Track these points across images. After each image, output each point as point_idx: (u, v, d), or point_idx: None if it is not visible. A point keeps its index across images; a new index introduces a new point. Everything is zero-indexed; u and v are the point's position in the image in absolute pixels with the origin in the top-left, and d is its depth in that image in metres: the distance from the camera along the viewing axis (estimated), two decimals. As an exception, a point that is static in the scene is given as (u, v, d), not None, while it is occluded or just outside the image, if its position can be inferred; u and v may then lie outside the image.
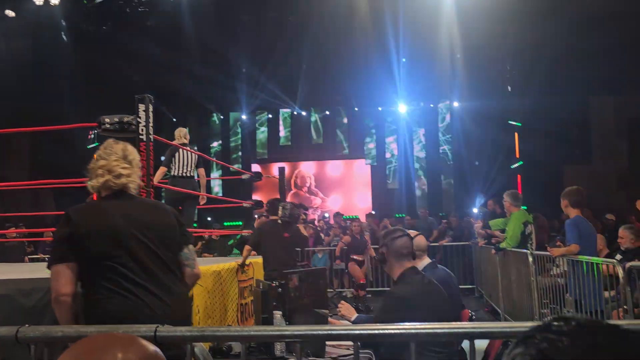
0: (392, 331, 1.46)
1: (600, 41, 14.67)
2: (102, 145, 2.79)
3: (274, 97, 18.78)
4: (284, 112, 19.94)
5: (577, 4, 14.90)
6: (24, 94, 15.67)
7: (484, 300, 10.62)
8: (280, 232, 6.57)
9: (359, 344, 1.49)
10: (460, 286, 11.71)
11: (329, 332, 1.46)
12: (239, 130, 20.40)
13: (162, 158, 6.91)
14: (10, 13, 14.98)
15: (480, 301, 11.01)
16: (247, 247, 6.67)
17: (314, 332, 1.46)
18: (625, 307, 4.46)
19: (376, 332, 1.49)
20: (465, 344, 1.81)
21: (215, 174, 19.08)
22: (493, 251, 8.45)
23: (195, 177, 7.09)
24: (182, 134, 7.07)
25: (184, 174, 6.75)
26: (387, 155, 19.55)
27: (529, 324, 1.42)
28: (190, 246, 2.70)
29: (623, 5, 14.87)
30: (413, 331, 1.46)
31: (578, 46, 15.46)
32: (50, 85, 15.90)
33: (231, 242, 11.84)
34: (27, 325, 1.57)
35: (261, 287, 3.13)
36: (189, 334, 1.51)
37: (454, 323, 2.02)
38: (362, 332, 1.51)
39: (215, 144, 20.38)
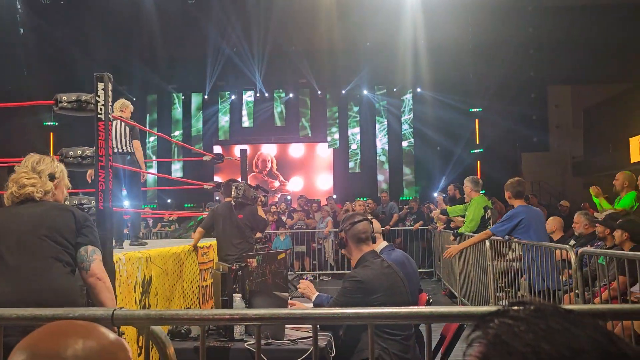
0: (351, 314, 1.47)
1: (558, 32, 14.95)
2: (22, 161, 2.95)
3: (237, 79, 18.62)
4: (247, 94, 19.77)
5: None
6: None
7: (442, 283, 10.81)
8: (233, 213, 6.35)
9: (318, 326, 1.50)
10: (420, 270, 11.90)
11: (288, 314, 1.47)
12: (201, 112, 20.15)
13: None
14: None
15: (438, 284, 11.21)
16: (199, 229, 6.47)
17: (273, 315, 1.46)
18: (576, 291, 4.59)
19: (335, 315, 1.50)
20: (423, 327, 1.85)
21: (177, 156, 18.88)
22: (452, 237, 8.58)
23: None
24: (117, 105, 5.98)
25: (119, 150, 5.78)
26: (349, 139, 19.62)
27: (484, 308, 1.46)
28: (89, 247, 2.75)
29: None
30: (371, 314, 1.47)
31: (537, 36, 15.74)
32: (6, 62, 15.43)
33: (191, 224, 11.76)
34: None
35: (221, 270, 3.12)
36: (147, 316, 1.49)
37: (411, 307, 2.05)
38: (321, 314, 1.52)
39: (176, 125, 20.09)
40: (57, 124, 17.43)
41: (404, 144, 19.47)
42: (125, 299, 4.51)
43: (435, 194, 13.32)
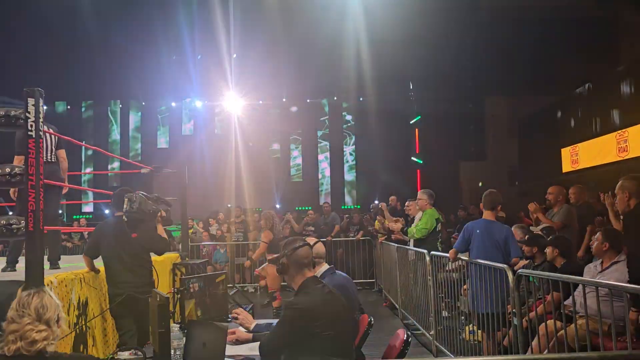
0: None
1: (495, 44, 15.36)
2: (16, 302, 2.55)
3: (175, 88, 18.34)
4: (186, 102, 19.48)
5: (474, 5, 15.54)
6: None
7: (383, 295, 10.86)
8: (126, 232, 5.12)
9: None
10: (361, 280, 12.02)
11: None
12: (139, 121, 19.70)
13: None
14: None
15: (379, 296, 11.26)
16: (84, 256, 5.29)
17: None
18: (513, 310, 4.67)
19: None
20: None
21: (114, 165, 18.39)
22: (397, 230, 8.67)
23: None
24: None
25: (46, 159, 5.19)
26: (291, 149, 19.60)
27: None
28: None
29: (517, 9, 15.66)
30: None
31: (475, 48, 16.12)
32: None
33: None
34: None
35: (158, 299, 3.01)
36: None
37: None
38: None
39: (114, 134, 19.57)
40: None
41: (346, 152, 19.60)
42: (57, 324, 4.31)
43: (375, 203, 13.43)
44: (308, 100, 19.53)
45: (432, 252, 7.00)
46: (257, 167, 19.11)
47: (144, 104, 19.54)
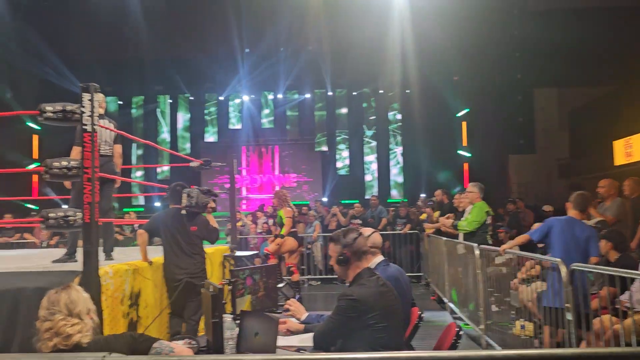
0: (348, 359, 1.42)
1: (544, 35, 14.99)
2: (45, 301, 2.64)
3: (222, 81, 18.52)
4: (234, 95, 19.66)
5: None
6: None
7: (431, 288, 10.78)
8: (185, 225, 5.60)
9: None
10: (408, 274, 11.90)
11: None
12: (188, 120, 20.00)
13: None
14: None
15: (427, 289, 11.18)
16: (140, 231, 5.65)
17: None
18: (567, 305, 4.57)
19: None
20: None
21: (165, 161, 18.76)
22: (448, 223, 8.58)
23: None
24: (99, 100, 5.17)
25: (101, 153, 5.31)
26: (337, 142, 19.59)
27: (485, 352, 1.40)
28: None
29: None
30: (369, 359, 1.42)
31: (523, 40, 15.78)
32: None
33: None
34: None
35: (210, 290, 3.05)
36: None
37: (410, 352, 1.98)
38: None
39: (164, 129, 19.91)
40: (40, 128, 17.21)
41: (392, 146, 19.48)
42: (112, 313, 4.44)
43: (420, 200, 13.31)
44: (354, 94, 19.47)
45: (482, 246, 6.90)
46: (303, 160, 19.20)
47: (192, 98, 19.80)
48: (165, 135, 19.77)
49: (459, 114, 18.23)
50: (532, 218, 11.17)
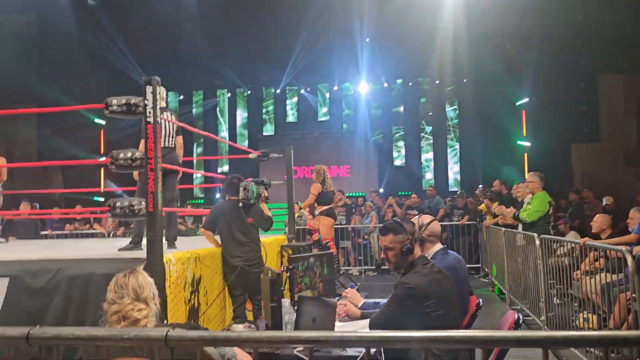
0: (403, 337, 1.45)
1: (608, 20, 14.45)
2: (113, 284, 2.69)
3: (278, 75, 18.70)
4: (291, 89, 19.82)
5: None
6: (28, 71, 15.72)
7: (490, 279, 10.64)
8: (243, 216, 5.88)
9: (370, 350, 1.48)
10: (466, 265, 11.78)
11: (340, 337, 1.45)
12: (246, 107, 20.29)
13: None
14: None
15: (485, 280, 11.04)
16: (204, 231, 6.02)
17: (326, 338, 1.45)
18: (634, 295, 4.44)
19: (387, 338, 1.47)
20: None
21: (224, 154, 19.12)
22: (508, 215, 8.42)
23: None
24: (162, 94, 5.48)
25: (165, 145, 5.54)
26: (393, 132, 19.48)
27: (542, 333, 1.41)
28: None
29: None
30: (424, 337, 1.44)
31: (586, 25, 15.25)
32: (55, 62, 15.88)
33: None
34: (37, 326, 1.57)
35: (269, 275, 3.13)
36: (200, 338, 1.50)
37: (467, 331, 1.99)
38: (373, 338, 1.50)
39: (223, 127, 20.27)
40: (105, 123, 17.88)
41: (449, 136, 19.23)
42: (175, 299, 4.58)
43: (478, 190, 13.10)
44: (410, 84, 19.27)
45: (543, 236, 6.76)
46: (359, 151, 19.17)
47: (249, 92, 20.09)
48: (224, 133, 20.13)
49: (519, 103, 17.80)
50: (601, 209, 10.81)
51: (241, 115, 20.32)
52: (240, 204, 5.85)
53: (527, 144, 17.70)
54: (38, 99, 15.18)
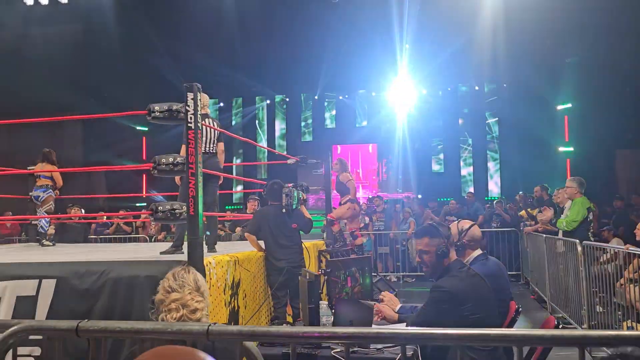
0: (439, 334, 1.47)
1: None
2: (171, 274, 2.72)
3: (315, 81, 18.79)
4: (329, 95, 19.89)
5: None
6: (75, 79, 16.21)
7: (530, 287, 10.47)
8: (286, 221, 6.09)
9: (406, 347, 1.50)
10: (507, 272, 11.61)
11: (377, 334, 1.48)
12: (284, 114, 20.44)
13: None
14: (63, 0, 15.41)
15: (526, 288, 10.88)
16: (248, 235, 6.18)
17: (362, 334, 1.48)
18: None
19: (423, 335, 1.50)
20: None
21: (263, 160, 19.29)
22: (546, 218, 8.30)
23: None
24: (205, 101, 5.77)
25: (206, 150, 5.73)
26: (432, 137, 19.34)
27: (578, 332, 1.41)
28: None
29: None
30: (460, 335, 1.46)
31: (631, 27, 14.88)
32: (99, 70, 16.32)
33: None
34: (85, 320, 1.64)
35: (307, 277, 3.17)
36: (240, 332, 1.55)
37: (502, 330, 1.99)
38: (409, 335, 1.53)
39: (262, 137, 20.44)
40: (148, 129, 18.30)
41: (489, 142, 18.99)
42: (215, 301, 4.67)
43: (518, 196, 12.91)
44: (448, 89, 19.10)
45: (585, 242, 6.63)
46: (397, 157, 19.10)
47: (287, 99, 20.25)
48: (263, 143, 20.29)
49: (560, 108, 17.47)
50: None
51: (279, 126, 20.48)
52: (284, 210, 6.03)
53: (570, 149, 17.36)
54: (82, 108, 15.67)
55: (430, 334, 1.45)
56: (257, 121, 20.50)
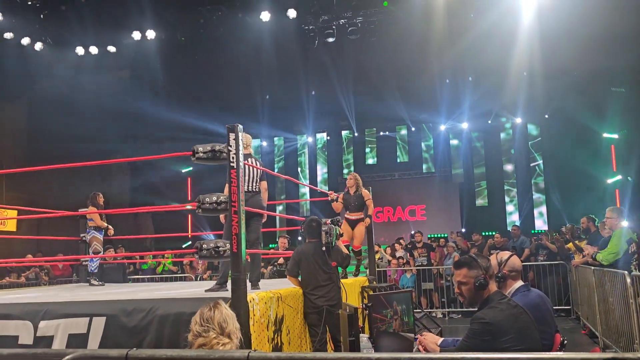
0: (470, 358, 1.51)
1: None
2: (198, 316, 2.79)
3: (357, 117, 19.00)
4: (369, 131, 20.02)
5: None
6: (122, 121, 16.84)
7: (582, 322, 10.17)
8: (326, 259, 6.04)
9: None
10: (555, 307, 11.32)
11: (412, 357, 1.52)
12: (326, 151, 20.63)
13: None
14: (111, 49, 16.09)
15: (577, 323, 10.57)
16: (289, 277, 6.23)
17: (397, 358, 1.53)
18: None
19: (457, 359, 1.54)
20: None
21: (304, 194, 19.45)
22: (584, 256, 8.11)
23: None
24: (247, 141, 5.97)
25: (249, 189, 5.89)
26: (475, 172, 19.18)
27: (609, 354, 1.43)
28: None
29: None
30: (493, 359, 1.50)
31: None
32: (145, 113, 16.87)
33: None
34: (134, 348, 1.73)
35: (347, 311, 3.21)
36: (278, 358, 1.61)
37: (537, 354, 1.99)
38: (442, 359, 1.57)
39: (302, 178, 20.63)
40: (191, 169, 18.79)
41: (533, 174, 18.71)
42: (258, 337, 4.72)
43: (566, 226, 12.63)
44: (489, 122, 18.96)
45: (634, 273, 6.47)
46: (441, 192, 18.99)
47: (328, 138, 20.47)
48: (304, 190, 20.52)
49: (606, 136, 17.12)
50: None
51: (321, 170, 20.66)
52: (324, 248, 6.00)
53: (618, 179, 16.94)
54: (129, 153, 16.26)
55: (462, 357, 1.49)
56: (299, 168, 20.72)
